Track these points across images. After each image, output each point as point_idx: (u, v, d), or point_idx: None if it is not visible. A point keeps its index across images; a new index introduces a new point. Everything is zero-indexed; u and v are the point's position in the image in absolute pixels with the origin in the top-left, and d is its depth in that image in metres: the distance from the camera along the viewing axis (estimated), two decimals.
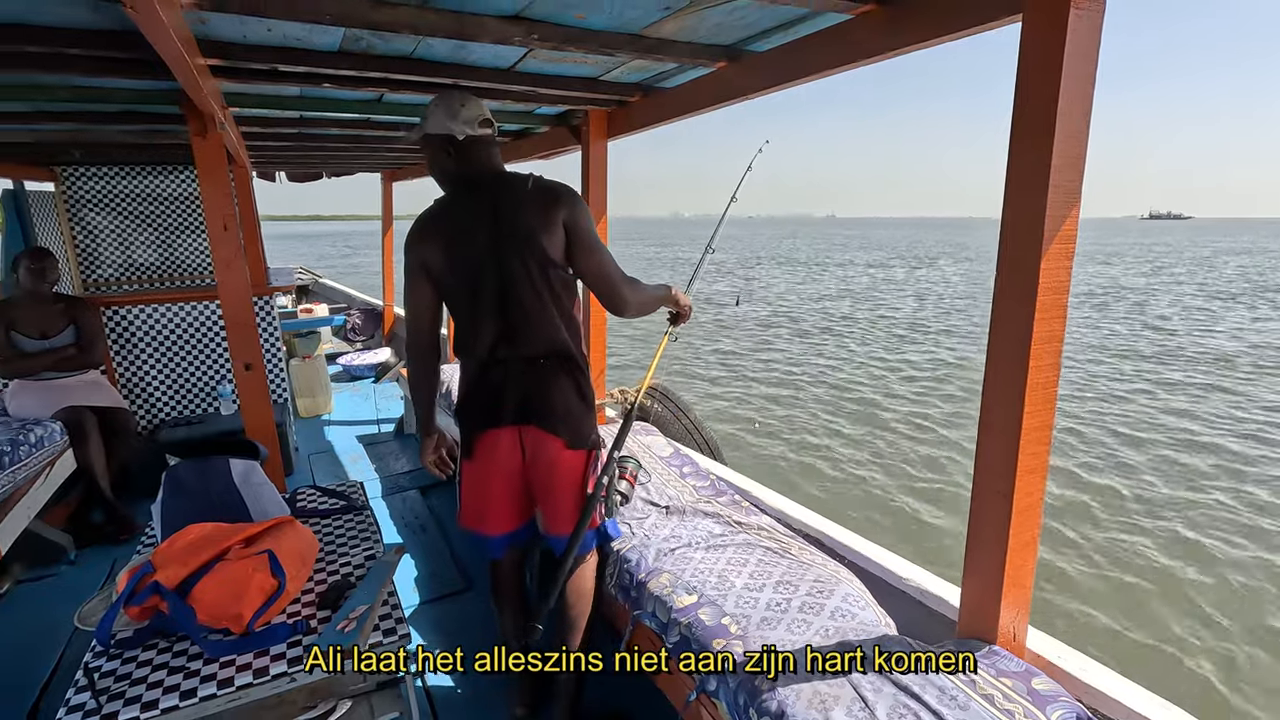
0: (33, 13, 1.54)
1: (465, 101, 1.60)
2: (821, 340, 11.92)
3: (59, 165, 4.04)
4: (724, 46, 1.92)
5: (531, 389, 1.63)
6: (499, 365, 1.65)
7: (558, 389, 1.64)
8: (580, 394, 1.67)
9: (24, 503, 2.58)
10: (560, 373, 1.64)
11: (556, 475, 1.68)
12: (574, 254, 1.60)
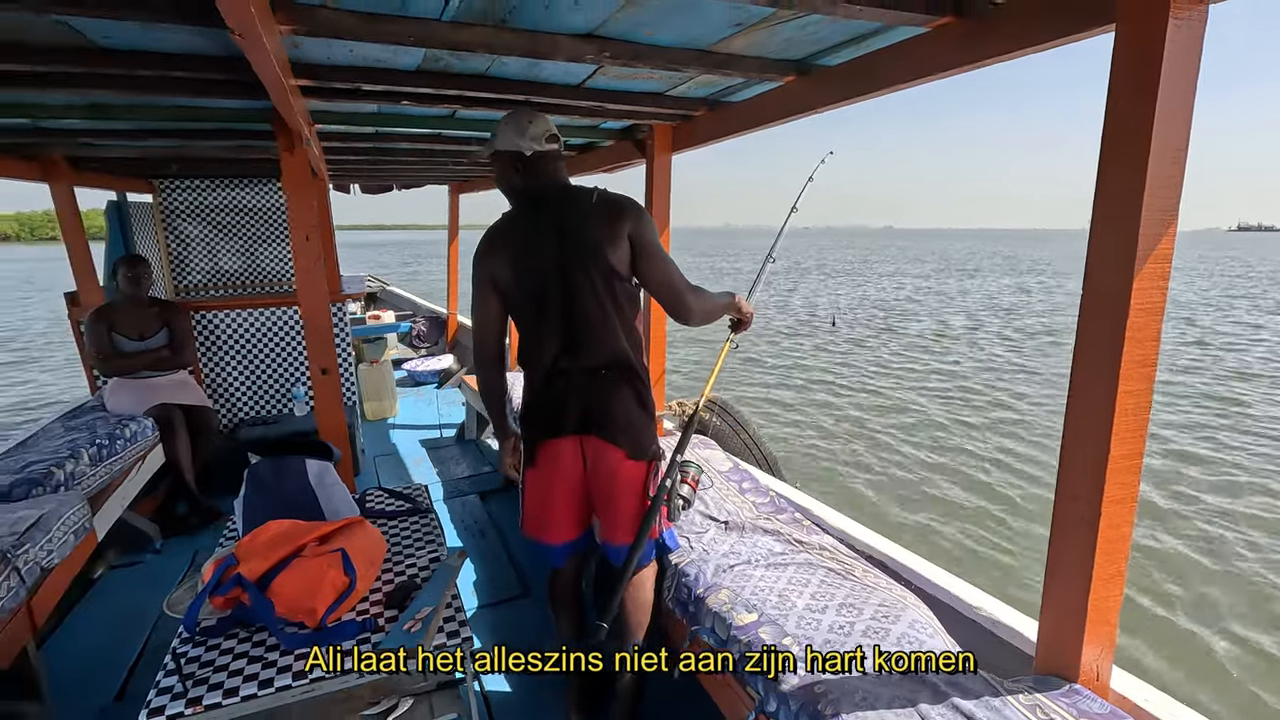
0: (147, 40, 1.66)
1: (533, 119, 1.64)
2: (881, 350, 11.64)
3: (157, 178, 4.33)
4: (793, 61, 1.92)
5: (593, 399, 1.66)
6: (562, 376, 1.68)
7: (619, 399, 1.66)
8: (641, 404, 1.69)
9: (119, 493, 2.76)
10: (622, 383, 1.66)
11: (617, 485, 1.69)
12: (639, 265, 1.63)
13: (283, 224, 4.67)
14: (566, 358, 1.66)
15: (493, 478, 3.86)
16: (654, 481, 1.73)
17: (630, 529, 1.70)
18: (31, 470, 2.44)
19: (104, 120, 2.44)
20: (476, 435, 4.49)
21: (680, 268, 1.70)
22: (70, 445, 2.71)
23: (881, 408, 8.04)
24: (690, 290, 1.69)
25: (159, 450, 3.23)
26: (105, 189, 4.23)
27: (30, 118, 2.33)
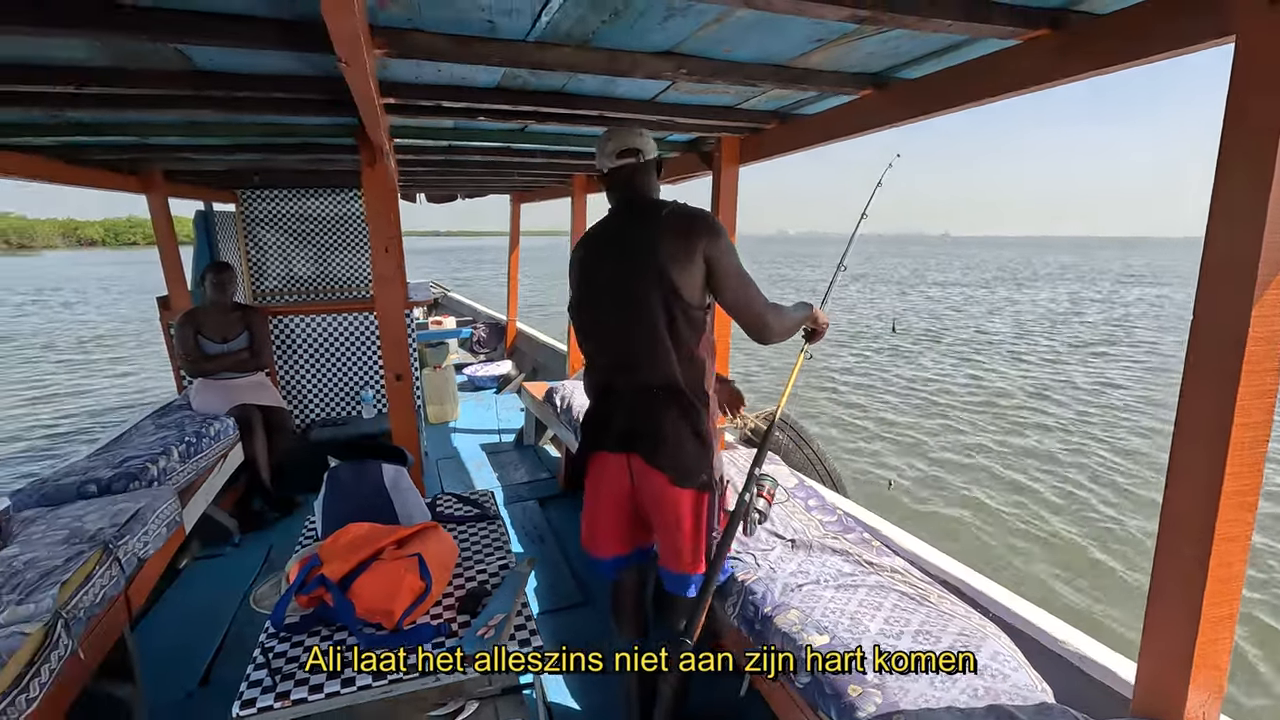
0: (248, 63, 1.76)
1: (611, 135, 1.67)
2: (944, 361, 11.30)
3: (240, 189, 4.56)
4: (871, 74, 1.89)
5: (640, 419, 1.64)
6: (613, 392, 1.70)
7: (667, 422, 1.61)
8: (694, 430, 1.61)
9: (204, 489, 2.91)
10: (672, 406, 1.61)
11: (663, 511, 1.66)
12: (716, 287, 1.58)
13: (353, 232, 4.85)
14: (618, 374, 1.67)
15: (551, 484, 3.91)
16: (707, 514, 1.65)
17: (680, 558, 1.67)
18: (129, 465, 2.60)
19: (201, 137, 2.58)
20: (535, 441, 4.55)
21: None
22: (162, 442, 2.88)
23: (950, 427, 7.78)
24: (770, 310, 1.63)
25: (239, 448, 3.40)
26: (194, 199, 4.48)
27: (138, 136, 2.49)
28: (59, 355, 12.85)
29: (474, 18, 1.42)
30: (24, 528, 2.20)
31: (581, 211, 4.46)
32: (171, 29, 1.34)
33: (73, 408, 8.89)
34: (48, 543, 2.06)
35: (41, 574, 1.86)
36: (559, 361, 5.28)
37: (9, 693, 1.51)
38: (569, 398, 3.51)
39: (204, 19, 1.34)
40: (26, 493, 2.45)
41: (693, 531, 1.64)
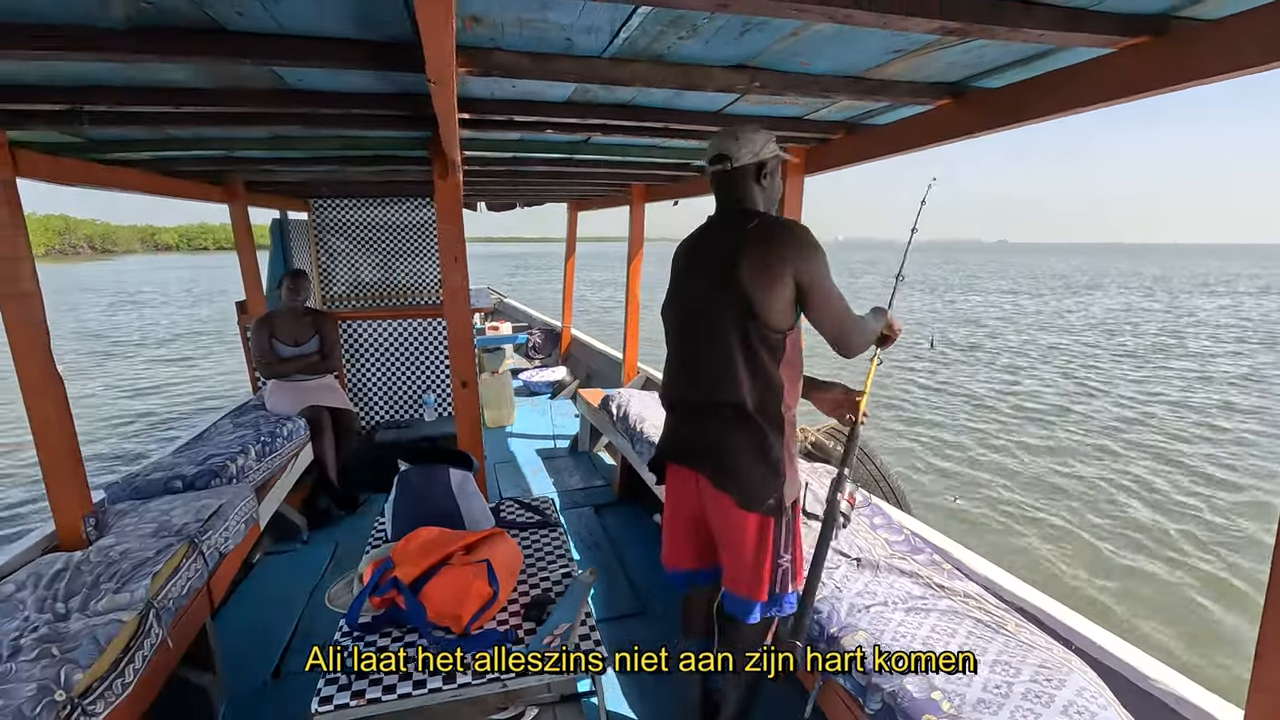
0: (333, 82, 1.83)
1: (712, 138, 1.64)
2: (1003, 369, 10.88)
3: (312, 198, 4.76)
4: (949, 84, 1.84)
5: (706, 437, 1.61)
6: (683, 405, 1.71)
7: (733, 444, 1.56)
8: (762, 455, 1.55)
9: (277, 487, 3.03)
10: (739, 429, 1.56)
11: (728, 532, 1.62)
12: (806, 305, 1.51)
13: (416, 239, 4.99)
14: (689, 388, 1.66)
15: (606, 491, 3.93)
16: (777, 538, 1.59)
17: (743, 581, 1.62)
18: (211, 462, 2.73)
19: (282, 150, 2.70)
20: (590, 447, 4.59)
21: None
22: (240, 441, 3.01)
23: (1030, 446, 7.49)
24: (855, 325, 1.58)
25: (309, 448, 3.53)
26: (271, 208, 4.69)
27: (226, 149, 2.62)
28: (148, 353, 13.75)
29: (554, 36, 1.45)
30: (118, 519, 2.33)
31: (639, 220, 4.48)
32: (271, 52, 1.41)
33: (160, 401, 9.47)
34: (139, 535, 2.18)
35: (135, 565, 1.97)
36: (614, 369, 5.31)
37: (107, 676, 1.60)
38: (625, 406, 3.52)
39: (302, 42, 1.41)
40: (119, 486, 2.60)
41: (754, 556, 1.58)
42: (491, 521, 2.17)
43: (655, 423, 3.25)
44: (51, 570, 1.93)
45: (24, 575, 1.91)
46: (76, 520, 2.20)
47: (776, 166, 1.62)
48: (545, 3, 1.26)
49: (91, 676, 1.55)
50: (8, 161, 2.01)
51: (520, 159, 3.26)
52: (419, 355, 4.55)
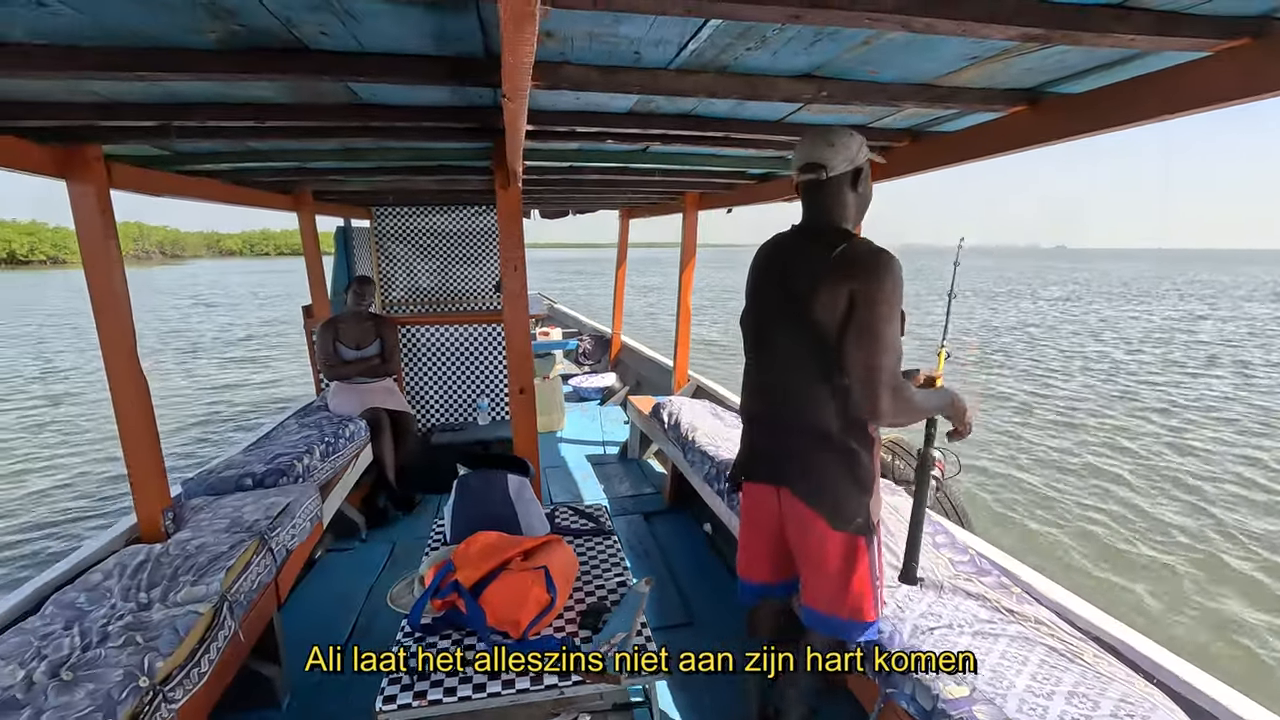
0: (406, 96, 1.89)
1: (800, 143, 1.54)
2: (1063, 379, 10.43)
3: (375, 206, 4.91)
4: (1024, 90, 1.78)
5: (791, 455, 1.57)
6: (764, 421, 1.67)
7: (818, 461, 1.53)
8: (849, 472, 1.50)
9: (339, 486, 3.13)
10: (826, 448, 1.51)
11: (809, 549, 1.58)
12: (845, 331, 1.42)
13: (471, 246, 5.10)
14: (770, 404, 1.63)
15: (656, 499, 3.92)
16: (870, 558, 1.55)
17: (823, 597, 1.58)
18: (279, 461, 2.83)
19: (350, 161, 2.80)
20: (639, 454, 4.59)
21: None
22: (305, 441, 3.12)
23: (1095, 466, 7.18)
24: (892, 388, 1.39)
25: (369, 449, 3.63)
26: (336, 216, 4.86)
27: (299, 161, 2.73)
28: (220, 352, 14.54)
29: (623, 50, 1.46)
30: (194, 514, 2.45)
31: (692, 228, 4.48)
32: (350, 70, 1.46)
33: (232, 399, 9.98)
34: (213, 530, 2.27)
35: (210, 559, 2.05)
36: (663, 376, 5.31)
37: (185, 665, 1.67)
38: (677, 414, 3.51)
39: (379, 59, 1.45)
40: (195, 482, 2.73)
41: (840, 574, 1.54)
42: (547, 528, 2.19)
43: (707, 432, 3.23)
44: (135, 561, 2.03)
45: (111, 564, 2.01)
46: (156, 514, 2.32)
47: (867, 170, 1.56)
48: (618, 17, 1.27)
49: (171, 664, 1.63)
50: (103, 174, 2.14)
51: (577, 168, 3.29)
52: (474, 360, 4.65)
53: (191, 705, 1.66)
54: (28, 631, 1.69)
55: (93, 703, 1.41)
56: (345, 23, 1.28)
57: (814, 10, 1.11)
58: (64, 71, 1.34)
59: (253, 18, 1.23)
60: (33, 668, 1.53)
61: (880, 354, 1.38)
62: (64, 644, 1.63)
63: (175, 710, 1.58)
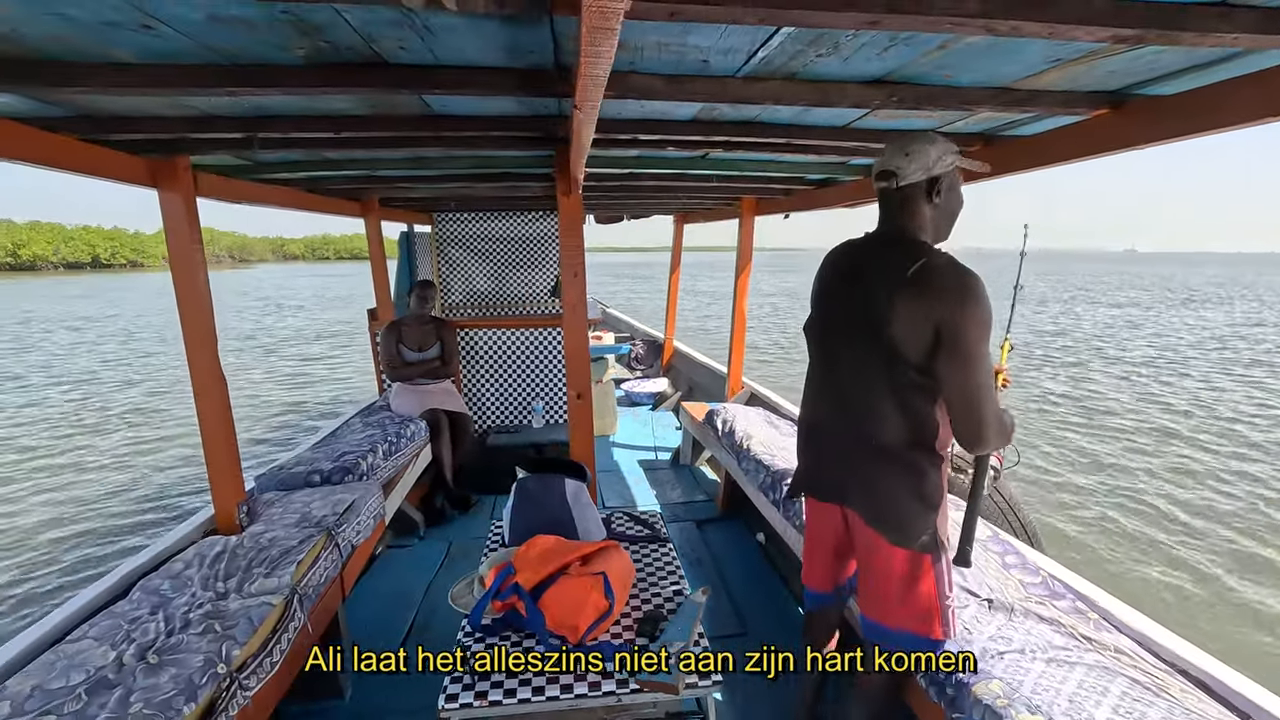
0: (476, 107, 1.94)
1: (922, 151, 1.46)
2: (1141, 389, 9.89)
3: (436, 212, 5.04)
4: (1108, 92, 1.70)
5: (854, 472, 1.55)
6: (826, 434, 1.64)
7: (883, 480, 1.50)
8: (915, 490, 1.47)
9: (400, 484, 3.22)
10: (891, 464, 1.49)
11: (873, 563, 1.57)
12: (938, 360, 1.38)
13: (527, 251, 5.17)
14: (834, 418, 1.60)
15: (708, 506, 3.90)
16: (938, 576, 1.53)
17: (881, 608, 1.57)
18: (344, 459, 2.93)
19: (417, 169, 2.88)
20: (691, 461, 4.57)
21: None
22: (369, 440, 3.22)
23: (1177, 472, 6.80)
24: (995, 419, 1.39)
25: (428, 448, 3.73)
26: (400, 222, 5.02)
27: (369, 169, 2.83)
28: (289, 351, 15.27)
29: (691, 59, 1.46)
30: (266, 508, 2.55)
31: (749, 233, 4.44)
32: (426, 82, 1.50)
33: (300, 397, 10.46)
34: (284, 524, 2.37)
35: (282, 552, 2.14)
36: (717, 383, 5.27)
37: (258, 654, 1.74)
38: (731, 422, 3.48)
39: (453, 72, 1.49)
40: (267, 477, 2.85)
41: (904, 590, 1.53)
42: (603, 533, 2.20)
43: (762, 440, 3.19)
44: (213, 551, 2.14)
45: (191, 554, 2.12)
46: (232, 507, 2.43)
47: (955, 180, 1.49)
48: (687, 27, 1.27)
49: (246, 653, 1.70)
50: (190, 183, 2.26)
51: (635, 174, 3.31)
52: (529, 363, 4.72)
53: (263, 693, 1.73)
54: (118, 615, 1.79)
55: (176, 686, 1.49)
56: (424, 37, 1.32)
57: (892, 16, 1.09)
58: (165, 88, 1.42)
59: (337, 34, 1.28)
60: (123, 649, 1.63)
61: (979, 381, 1.36)
62: (150, 628, 1.73)
63: (249, 697, 1.65)
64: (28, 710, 1.40)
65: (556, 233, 5.01)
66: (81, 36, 1.23)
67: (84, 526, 5.49)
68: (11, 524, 5.53)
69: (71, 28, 1.19)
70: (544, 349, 4.72)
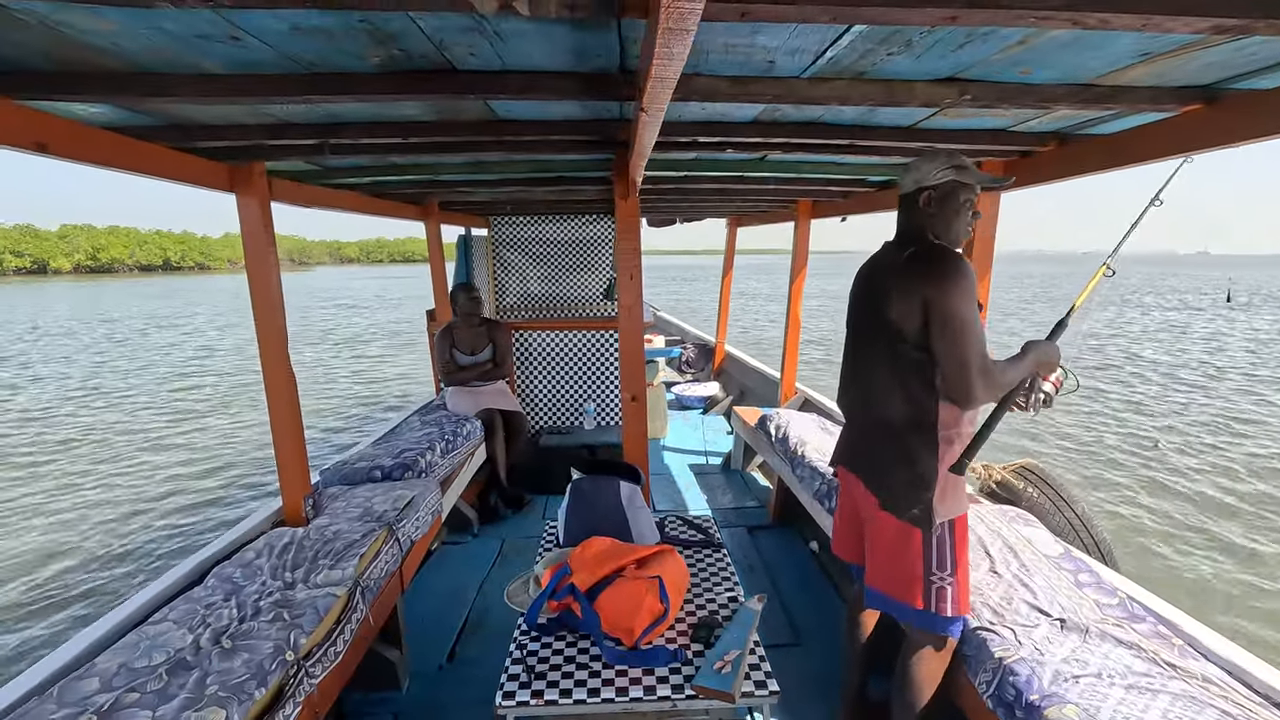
0: (538, 111, 1.96)
1: (918, 166, 1.65)
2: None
3: (493, 216, 5.14)
4: (1200, 87, 1.61)
5: (861, 444, 1.78)
6: (851, 416, 1.86)
7: (884, 450, 1.68)
8: (908, 465, 1.62)
9: (456, 482, 3.28)
10: (891, 441, 1.66)
11: (871, 530, 1.74)
12: (930, 334, 1.53)
13: (580, 254, 5.22)
14: (855, 402, 1.81)
15: (760, 513, 3.85)
16: (927, 551, 1.63)
17: (877, 575, 1.72)
18: (404, 456, 3.01)
19: (477, 173, 2.94)
20: (743, 466, 4.52)
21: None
22: (427, 438, 3.30)
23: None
24: (982, 373, 1.51)
25: (483, 447, 3.79)
26: (458, 225, 5.13)
27: (431, 174, 2.90)
28: (351, 350, 16.07)
29: (756, 59, 1.44)
30: (330, 502, 2.63)
31: (804, 237, 4.38)
32: (493, 88, 1.53)
33: (363, 394, 10.90)
34: (347, 518, 2.44)
35: (345, 545, 2.20)
36: (769, 387, 5.21)
37: (323, 644, 1.79)
38: (785, 427, 3.42)
39: (520, 77, 1.51)
40: (331, 472, 2.94)
41: (890, 555, 1.68)
42: (657, 536, 2.20)
43: (817, 446, 3.13)
44: (281, 542, 2.22)
45: (261, 544, 2.20)
46: (299, 500, 2.52)
47: (948, 191, 1.61)
48: (756, 27, 1.26)
49: (312, 642, 1.76)
50: (265, 188, 2.35)
51: (691, 177, 3.30)
52: (582, 365, 4.76)
53: (328, 682, 1.78)
54: (194, 600, 1.88)
55: (248, 671, 1.55)
56: (493, 43, 1.34)
57: (972, 10, 1.05)
58: (249, 97, 1.49)
59: (410, 42, 1.32)
60: (199, 633, 1.70)
61: (965, 345, 1.50)
62: (224, 614, 1.80)
63: (315, 685, 1.70)
64: (115, 686, 1.47)
65: (609, 236, 5.04)
66: (175, 49, 1.30)
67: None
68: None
69: (167, 40, 1.25)
70: (596, 351, 4.75)
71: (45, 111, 1.56)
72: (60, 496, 6.25)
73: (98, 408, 10.03)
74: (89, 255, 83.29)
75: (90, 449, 7.82)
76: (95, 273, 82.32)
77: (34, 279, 72.35)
